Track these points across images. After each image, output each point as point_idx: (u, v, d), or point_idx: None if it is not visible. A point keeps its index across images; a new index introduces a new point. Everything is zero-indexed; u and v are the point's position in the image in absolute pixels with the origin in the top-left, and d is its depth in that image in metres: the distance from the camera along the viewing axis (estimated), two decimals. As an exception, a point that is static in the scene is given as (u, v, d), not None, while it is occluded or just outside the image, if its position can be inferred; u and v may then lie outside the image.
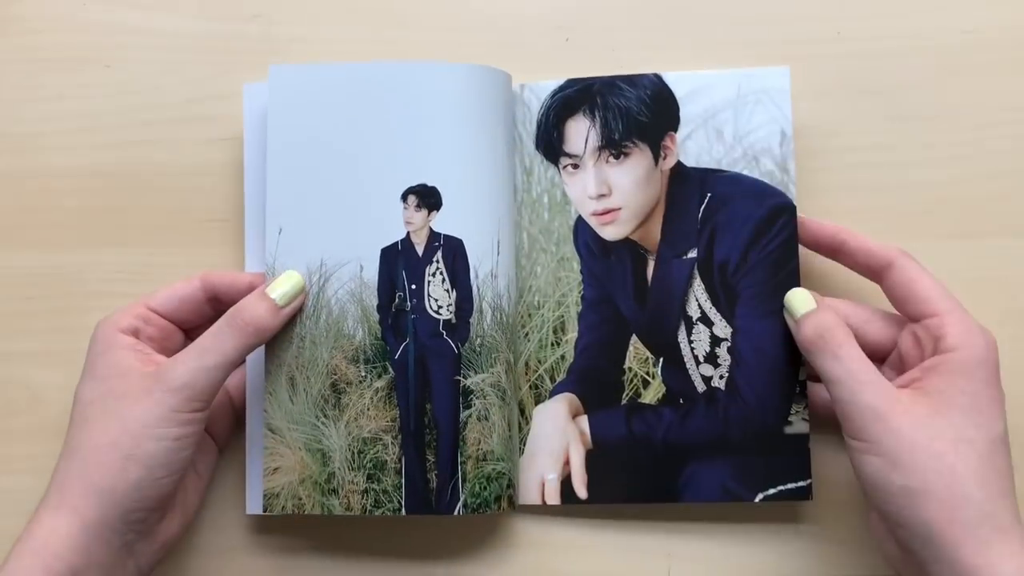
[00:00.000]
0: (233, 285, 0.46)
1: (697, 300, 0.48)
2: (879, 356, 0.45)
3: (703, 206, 0.48)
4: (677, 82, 0.48)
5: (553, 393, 0.49)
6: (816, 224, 0.46)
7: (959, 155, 0.49)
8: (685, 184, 0.48)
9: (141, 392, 0.42)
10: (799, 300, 0.44)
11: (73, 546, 0.40)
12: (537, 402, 0.49)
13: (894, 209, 0.49)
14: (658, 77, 0.48)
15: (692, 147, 0.48)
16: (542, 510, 0.48)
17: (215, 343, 0.43)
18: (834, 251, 0.46)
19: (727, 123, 0.48)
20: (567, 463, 0.48)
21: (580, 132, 0.49)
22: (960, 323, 0.41)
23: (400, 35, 0.52)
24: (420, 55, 0.51)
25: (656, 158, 0.49)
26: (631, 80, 0.48)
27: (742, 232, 0.47)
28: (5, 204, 0.52)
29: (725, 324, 0.48)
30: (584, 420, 0.48)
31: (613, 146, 0.48)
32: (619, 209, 0.49)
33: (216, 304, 0.47)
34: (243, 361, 0.45)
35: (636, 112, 0.48)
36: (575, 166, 0.49)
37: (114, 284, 0.51)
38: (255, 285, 0.46)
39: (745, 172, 0.48)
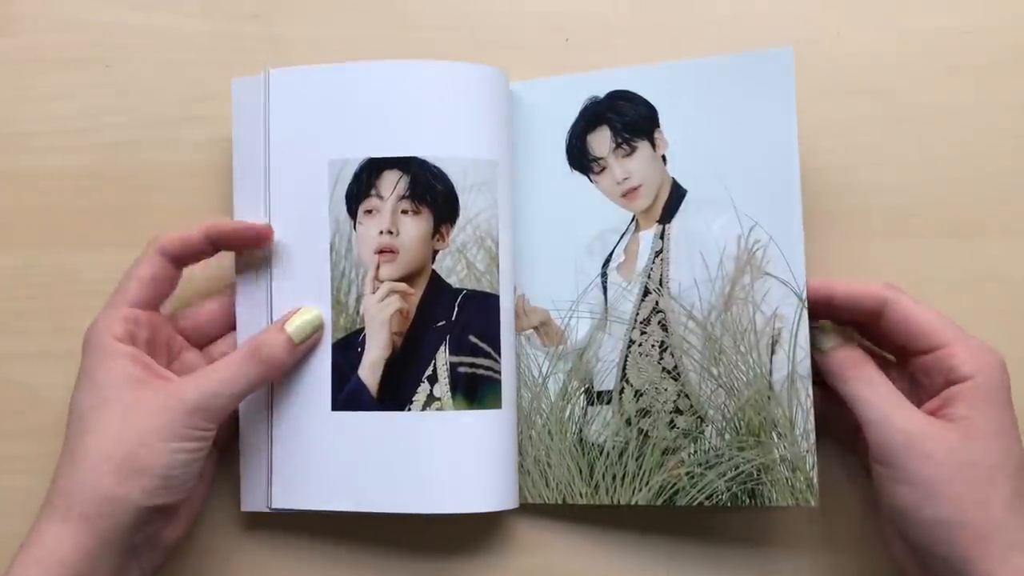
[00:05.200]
0: (235, 232, 0.46)
1: None
2: (868, 320, 0.44)
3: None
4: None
5: None
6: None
7: (959, 155, 0.50)
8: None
9: (155, 406, 0.42)
10: (825, 332, 0.44)
11: (82, 554, 0.40)
12: None
13: (894, 209, 0.50)
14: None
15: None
16: (544, 510, 0.48)
17: (233, 373, 0.43)
18: (823, 305, 0.44)
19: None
20: None
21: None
22: (970, 349, 0.41)
23: (399, 34, 0.52)
24: (419, 55, 0.51)
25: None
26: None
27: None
28: (5, 204, 0.52)
29: None
30: None
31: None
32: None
33: (218, 247, 0.47)
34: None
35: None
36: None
37: (114, 284, 0.51)
38: (256, 229, 0.47)
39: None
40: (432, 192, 0.47)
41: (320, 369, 0.46)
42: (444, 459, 0.45)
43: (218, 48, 0.53)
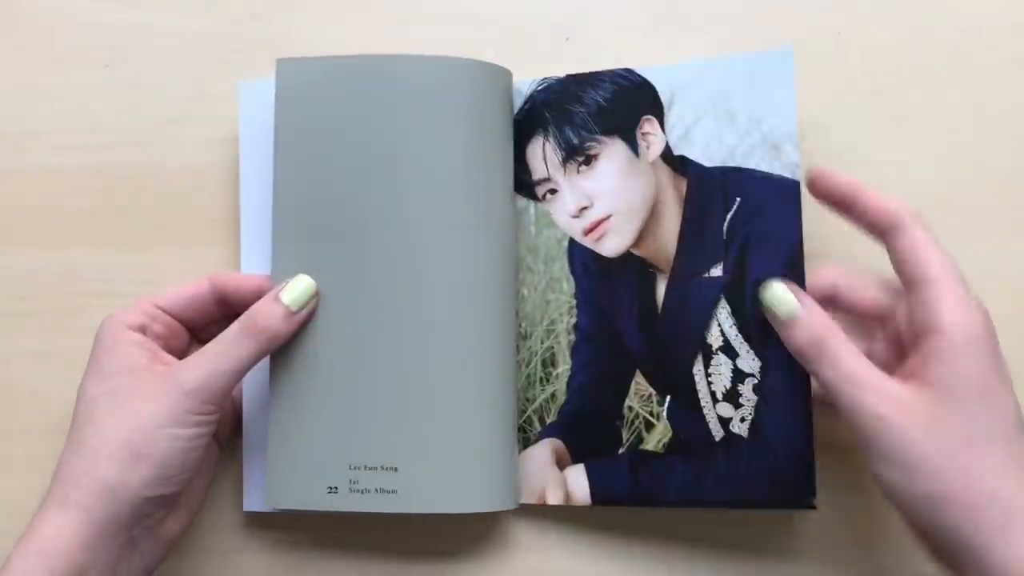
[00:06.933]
0: (240, 288, 0.46)
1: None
2: (873, 322, 0.42)
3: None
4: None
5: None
6: (831, 176, 0.42)
7: (959, 155, 0.49)
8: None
9: (154, 391, 0.41)
10: (782, 301, 0.41)
11: (79, 544, 0.39)
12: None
13: (894, 209, 0.49)
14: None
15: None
16: (543, 511, 0.48)
17: (230, 348, 0.43)
18: (844, 207, 0.42)
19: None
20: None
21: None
22: (952, 296, 0.38)
23: (399, 34, 0.52)
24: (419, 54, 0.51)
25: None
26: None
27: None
28: (5, 204, 0.52)
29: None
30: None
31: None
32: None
33: (224, 306, 0.46)
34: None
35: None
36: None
37: (114, 284, 0.51)
38: (262, 287, 0.46)
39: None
40: None
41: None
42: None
43: (219, 48, 0.53)
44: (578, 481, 0.46)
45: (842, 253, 0.47)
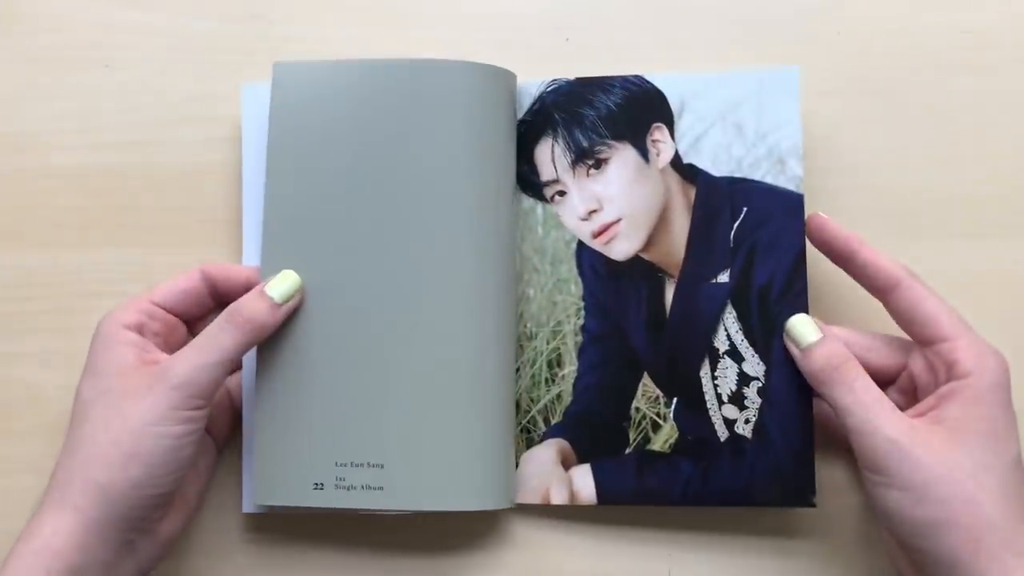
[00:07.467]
0: (229, 278, 0.47)
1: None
2: (883, 382, 0.43)
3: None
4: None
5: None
6: (830, 227, 0.43)
7: (959, 155, 0.50)
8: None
9: (142, 389, 0.41)
10: (804, 329, 0.43)
11: (74, 544, 0.39)
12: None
13: (894, 209, 0.50)
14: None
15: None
16: (542, 510, 0.48)
17: (214, 340, 0.42)
18: (843, 259, 0.44)
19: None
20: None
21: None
22: (973, 347, 0.40)
23: (399, 34, 0.52)
24: (419, 54, 0.51)
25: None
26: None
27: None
28: (5, 204, 0.52)
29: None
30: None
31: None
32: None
33: (216, 296, 0.47)
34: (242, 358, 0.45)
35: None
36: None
37: (114, 284, 0.51)
38: (251, 278, 0.46)
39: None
40: None
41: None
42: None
43: (218, 48, 0.53)
44: (584, 481, 0.46)
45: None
